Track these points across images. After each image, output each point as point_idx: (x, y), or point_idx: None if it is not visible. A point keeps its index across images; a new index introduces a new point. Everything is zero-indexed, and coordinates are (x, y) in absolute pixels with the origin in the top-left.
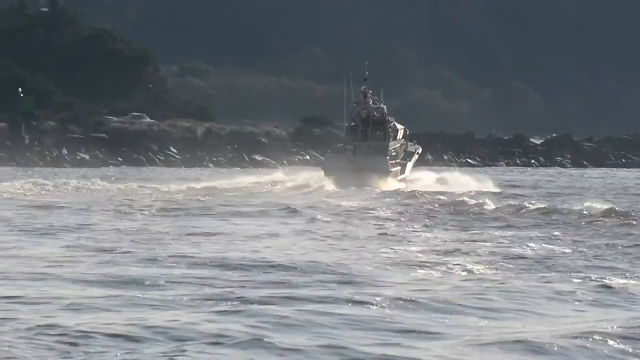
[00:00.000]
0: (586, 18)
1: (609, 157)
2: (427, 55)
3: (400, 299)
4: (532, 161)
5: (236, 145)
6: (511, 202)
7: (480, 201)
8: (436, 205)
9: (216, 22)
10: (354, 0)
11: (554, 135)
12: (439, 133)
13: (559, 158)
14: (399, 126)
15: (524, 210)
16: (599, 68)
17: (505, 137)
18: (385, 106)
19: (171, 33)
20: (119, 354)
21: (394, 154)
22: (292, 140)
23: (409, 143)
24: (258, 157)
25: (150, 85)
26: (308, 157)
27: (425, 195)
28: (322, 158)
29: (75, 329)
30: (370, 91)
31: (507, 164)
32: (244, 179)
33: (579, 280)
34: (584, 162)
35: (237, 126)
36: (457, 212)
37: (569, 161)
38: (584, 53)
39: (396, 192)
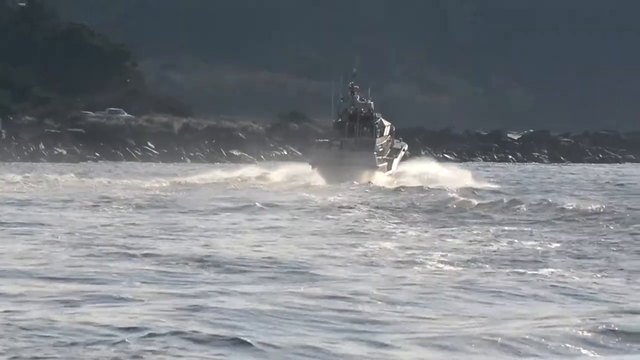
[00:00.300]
0: (564, 15)
1: (586, 152)
2: (406, 50)
3: (345, 294)
4: (510, 157)
5: (214, 140)
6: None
7: (462, 197)
8: (417, 201)
9: (194, 17)
10: None
11: (532, 130)
12: (417, 128)
13: (536, 153)
14: (385, 123)
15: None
16: (577, 65)
17: (483, 133)
18: (372, 102)
19: (149, 28)
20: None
21: (380, 150)
22: (269, 135)
23: (395, 140)
24: (235, 152)
25: (128, 80)
26: (285, 152)
27: (410, 191)
28: (300, 153)
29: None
30: (357, 87)
31: (485, 159)
32: (225, 174)
33: (533, 276)
34: (561, 158)
35: (215, 121)
36: (436, 208)
37: (546, 156)
38: (562, 50)
39: (381, 188)
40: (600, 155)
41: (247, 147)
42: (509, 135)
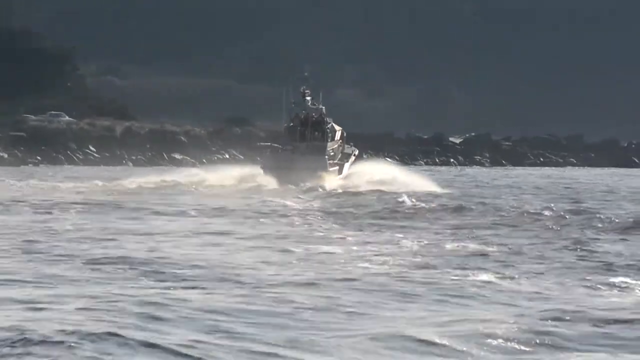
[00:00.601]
0: (505, 20)
1: (527, 156)
2: (348, 54)
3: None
4: (451, 160)
5: (155, 144)
6: (444, 201)
7: (413, 201)
8: (366, 204)
9: (136, 21)
10: (272, 1)
11: (473, 134)
12: (358, 132)
13: (478, 157)
14: (336, 127)
15: (452, 208)
16: (518, 68)
17: (425, 136)
18: (323, 107)
19: (91, 32)
20: None
21: (332, 154)
22: (211, 139)
23: (346, 145)
24: (177, 156)
25: (69, 84)
26: (227, 156)
27: (360, 195)
28: (242, 157)
29: None
30: (309, 91)
31: (427, 163)
32: (171, 177)
33: (460, 277)
34: (503, 161)
35: (157, 125)
36: (385, 211)
37: (488, 160)
38: (503, 53)
39: (331, 192)
40: (541, 159)
41: (189, 151)
42: (451, 138)
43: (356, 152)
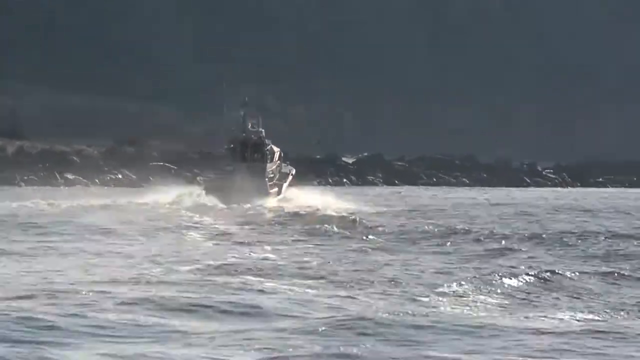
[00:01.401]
0: (397, 39)
1: (420, 176)
2: (241, 74)
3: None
4: (344, 180)
5: (47, 164)
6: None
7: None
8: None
9: (27, 40)
10: (168, 15)
11: (366, 154)
12: None
13: (371, 177)
14: (275, 149)
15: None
16: (412, 89)
17: (318, 156)
18: (263, 130)
19: None
20: None
21: (271, 175)
22: (104, 159)
23: (283, 164)
24: (70, 176)
25: None
26: (120, 176)
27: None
28: (135, 177)
29: None
30: (248, 114)
31: (320, 183)
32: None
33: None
34: (396, 181)
35: (49, 145)
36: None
37: (381, 179)
38: (396, 75)
39: (259, 212)
40: (435, 179)
41: (82, 171)
42: (344, 158)
43: (293, 172)
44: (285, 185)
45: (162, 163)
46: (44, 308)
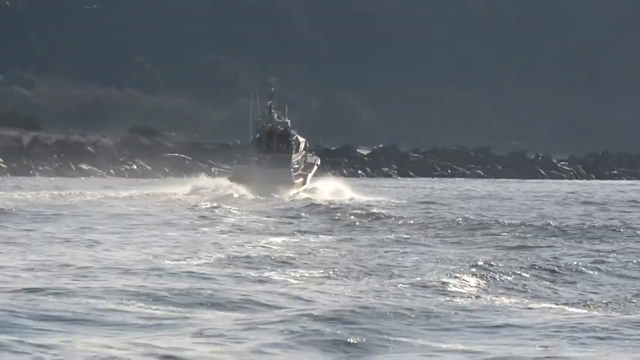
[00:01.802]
0: (412, 31)
1: (434, 168)
2: (256, 66)
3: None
4: (359, 171)
5: (62, 154)
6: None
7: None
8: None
9: (42, 30)
10: (181, 11)
11: (381, 146)
12: None
13: (386, 168)
14: (300, 139)
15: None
16: (427, 81)
17: (332, 148)
18: (289, 120)
19: None
20: None
21: (296, 165)
22: (119, 149)
23: (308, 154)
24: (85, 167)
25: None
26: (135, 167)
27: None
28: (150, 167)
29: None
30: (274, 105)
31: (334, 174)
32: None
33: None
34: (410, 173)
35: (64, 135)
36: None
37: (395, 171)
38: (412, 65)
39: (285, 201)
40: (449, 171)
41: (97, 161)
42: (359, 150)
43: (318, 162)
44: (310, 175)
45: (177, 154)
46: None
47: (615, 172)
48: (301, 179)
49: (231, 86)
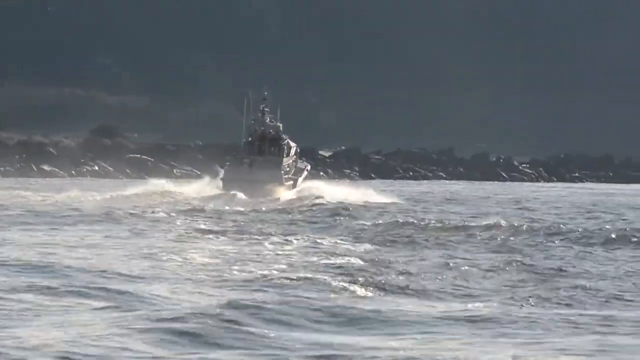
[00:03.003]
0: (375, 32)
1: (396, 170)
2: (219, 67)
3: None
4: (321, 173)
5: (24, 155)
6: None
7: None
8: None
9: (4, 31)
10: (146, 11)
11: (343, 148)
12: (230, 145)
13: (347, 170)
14: (291, 144)
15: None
16: (390, 83)
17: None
18: (280, 124)
19: None
20: None
21: (287, 169)
22: (81, 150)
23: (299, 160)
24: (46, 168)
25: None
26: (97, 168)
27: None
28: (112, 169)
29: None
30: (268, 109)
31: None
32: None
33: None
34: (372, 175)
35: (26, 136)
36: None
37: (357, 173)
38: (375, 67)
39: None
40: (411, 173)
41: (58, 162)
42: (321, 152)
43: (308, 167)
44: (300, 179)
45: (139, 155)
46: None
47: (577, 174)
48: (291, 182)
49: (195, 87)
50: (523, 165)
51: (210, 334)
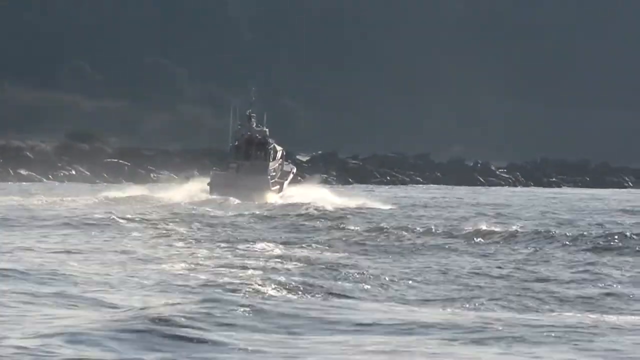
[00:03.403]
0: (352, 37)
1: (374, 174)
2: (197, 71)
3: None
4: (299, 178)
5: (1, 160)
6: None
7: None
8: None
9: None
10: (122, 14)
11: (320, 152)
12: (206, 148)
13: (324, 175)
14: (278, 148)
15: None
16: (367, 87)
17: None
18: (267, 129)
19: None
20: None
21: (273, 173)
22: (57, 154)
23: (285, 163)
24: (23, 172)
25: None
26: (74, 172)
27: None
28: (89, 173)
29: None
30: (255, 115)
31: None
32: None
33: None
34: (350, 179)
35: (4, 140)
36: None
37: (335, 178)
38: (352, 71)
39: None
40: (388, 178)
41: (35, 167)
42: (298, 156)
43: (294, 170)
44: (286, 183)
45: (116, 160)
46: None
47: (554, 179)
48: (278, 186)
49: (172, 91)
50: (500, 170)
51: (149, 338)
